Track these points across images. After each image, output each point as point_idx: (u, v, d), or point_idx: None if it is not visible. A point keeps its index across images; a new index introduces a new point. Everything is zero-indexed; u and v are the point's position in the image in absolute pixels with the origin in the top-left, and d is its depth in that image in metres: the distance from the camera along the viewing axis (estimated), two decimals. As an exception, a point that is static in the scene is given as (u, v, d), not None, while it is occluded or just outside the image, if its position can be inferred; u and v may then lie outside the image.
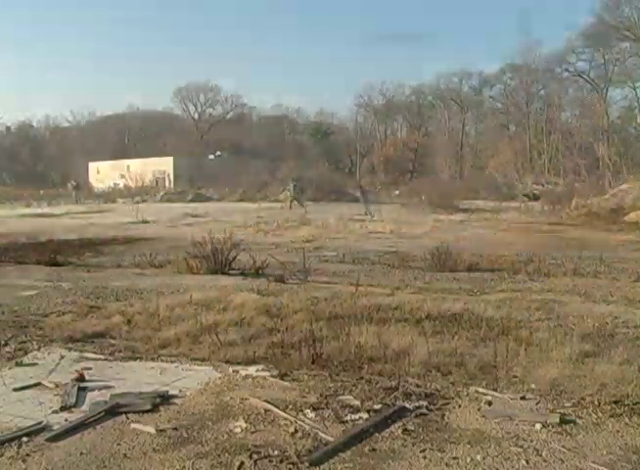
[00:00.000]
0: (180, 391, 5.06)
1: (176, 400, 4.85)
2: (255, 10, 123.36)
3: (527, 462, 3.77)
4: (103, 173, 65.47)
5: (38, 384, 5.28)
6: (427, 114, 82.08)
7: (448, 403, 4.73)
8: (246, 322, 7.23)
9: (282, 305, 8.18)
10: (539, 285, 10.18)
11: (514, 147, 61.21)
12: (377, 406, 4.64)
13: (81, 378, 5.33)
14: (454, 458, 3.83)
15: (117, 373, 5.59)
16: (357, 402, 4.73)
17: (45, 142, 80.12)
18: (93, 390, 5.12)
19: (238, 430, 4.27)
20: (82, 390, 5.09)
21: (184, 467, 3.75)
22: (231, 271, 11.57)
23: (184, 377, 5.46)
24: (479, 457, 3.83)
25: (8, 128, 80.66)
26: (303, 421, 4.38)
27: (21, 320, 7.56)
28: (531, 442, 4.05)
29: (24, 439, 4.12)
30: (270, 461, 3.79)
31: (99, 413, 4.53)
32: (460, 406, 4.69)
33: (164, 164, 61.55)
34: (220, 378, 5.39)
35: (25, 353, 6.19)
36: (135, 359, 6.01)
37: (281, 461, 3.79)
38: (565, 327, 7.02)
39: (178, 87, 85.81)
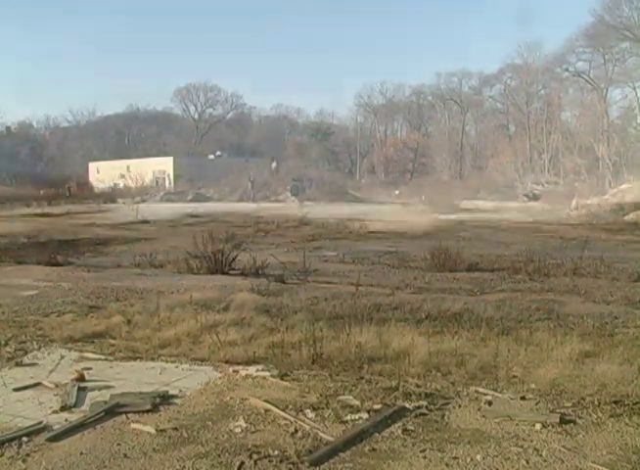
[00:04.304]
0: (180, 391, 5.06)
1: (176, 400, 4.85)
2: (256, 10, 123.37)
3: (527, 462, 3.77)
4: (103, 173, 65.42)
5: (38, 384, 5.28)
6: (427, 114, 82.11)
7: (448, 403, 4.73)
8: (246, 322, 7.23)
9: (282, 305, 8.18)
10: (539, 285, 10.18)
11: (514, 147, 61.25)
12: (377, 406, 4.64)
13: (81, 378, 5.33)
14: (454, 458, 3.83)
15: (117, 373, 5.59)
16: (357, 402, 4.73)
17: (45, 142, 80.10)
18: (93, 390, 5.12)
19: (238, 430, 4.27)
20: (82, 390, 5.09)
21: (184, 467, 3.75)
22: (231, 271, 11.56)
23: (184, 377, 5.46)
24: (479, 457, 3.83)
25: (8, 128, 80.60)
26: (303, 421, 4.38)
27: (21, 320, 7.56)
28: (531, 442, 4.05)
29: (24, 439, 4.12)
30: (270, 461, 3.79)
31: (99, 413, 4.53)
32: (460, 406, 4.69)
33: (164, 164, 61.52)
34: (220, 378, 5.39)
35: (25, 353, 6.19)
36: (135, 359, 6.01)
37: (281, 461, 3.79)
38: (565, 327, 7.02)
39: (178, 87, 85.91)
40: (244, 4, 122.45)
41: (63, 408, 4.70)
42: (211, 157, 67.06)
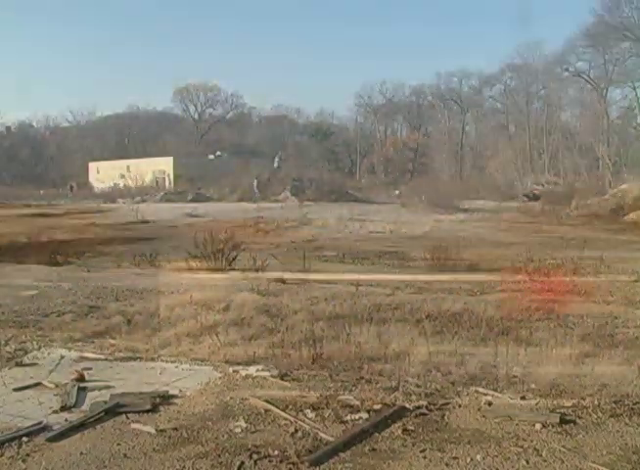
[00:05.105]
0: (180, 391, 5.06)
1: (176, 400, 4.85)
2: (256, 10, 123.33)
3: (527, 462, 3.77)
4: (103, 173, 65.43)
5: (38, 384, 5.28)
6: (427, 114, 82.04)
7: (448, 403, 4.73)
8: (246, 322, 7.23)
9: (282, 304, 8.18)
10: (539, 285, 10.16)
11: (514, 147, 61.22)
12: (377, 406, 4.63)
13: (81, 378, 5.33)
14: (454, 458, 3.83)
15: (117, 373, 5.59)
16: (357, 402, 4.73)
17: (45, 142, 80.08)
18: (93, 390, 5.11)
19: (238, 430, 4.27)
20: (82, 390, 5.09)
21: (184, 467, 3.75)
22: (231, 271, 11.56)
23: (184, 377, 5.46)
24: (479, 457, 3.83)
25: (8, 128, 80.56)
26: (303, 421, 4.38)
27: (21, 320, 7.55)
28: (531, 442, 4.05)
29: (24, 439, 4.12)
30: (270, 461, 3.79)
31: (99, 413, 4.52)
32: (460, 406, 4.69)
33: (164, 164, 61.51)
34: (220, 378, 5.39)
35: (25, 353, 6.19)
36: (135, 359, 6.01)
37: (281, 461, 3.79)
38: (565, 327, 7.02)
39: (178, 87, 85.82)
40: (244, 4, 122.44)
41: (63, 408, 4.70)
42: (211, 157, 67.04)
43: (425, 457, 3.85)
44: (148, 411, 4.60)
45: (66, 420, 4.46)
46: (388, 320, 7.15)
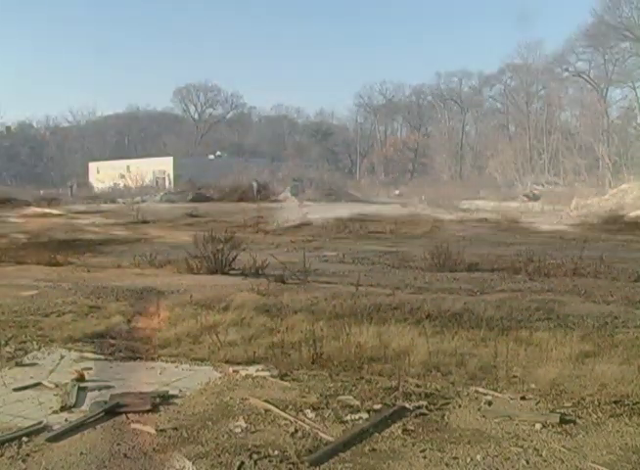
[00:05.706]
0: (180, 391, 5.06)
1: (176, 400, 4.85)
2: (256, 10, 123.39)
3: (527, 462, 3.77)
4: (103, 173, 65.43)
5: (38, 384, 5.28)
6: (427, 114, 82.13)
7: (448, 403, 4.73)
8: (246, 322, 7.23)
9: (282, 305, 8.18)
10: (539, 285, 10.18)
11: (514, 147, 61.23)
12: (377, 406, 4.64)
13: (81, 378, 5.33)
14: (454, 458, 3.83)
15: (117, 373, 5.59)
16: (357, 402, 4.73)
17: (45, 142, 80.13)
18: (93, 390, 5.11)
19: (238, 430, 4.27)
20: (82, 390, 5.09)
21: (184, 467, 3.75)
22: (231, 271, 11.56)
23: (184, 377, 5.46)
24: (479, 457, 3.83)
25: (8, 128, 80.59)
26: (303, 421, 4.38)
27: (21, 320, 7.55)
28: (531, 442, 4.05)
29: (24, 439, 4.12)
30: (270, 461, 3.79)
31: (99, 413, 4.53)
32: (460, 406, 4.69)
33: (164, 164, 61.53)
34: (220, 378, 5.39)
35: (25, 353, 6.19)
36: (135, 359, 6.01)
37: (281, 461, 3.79)
38: (565, 327, 7.02)
39: (178, 87, 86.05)
40: (244, 3, 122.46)
41: (63, 408, 4.70)
42: (211, 157, 67.06)
43: (425, 457, 3.85)
44: (148, 411, 4.60)
45: (66, 420, 4.47)
46: (388, 320, 7.14)
